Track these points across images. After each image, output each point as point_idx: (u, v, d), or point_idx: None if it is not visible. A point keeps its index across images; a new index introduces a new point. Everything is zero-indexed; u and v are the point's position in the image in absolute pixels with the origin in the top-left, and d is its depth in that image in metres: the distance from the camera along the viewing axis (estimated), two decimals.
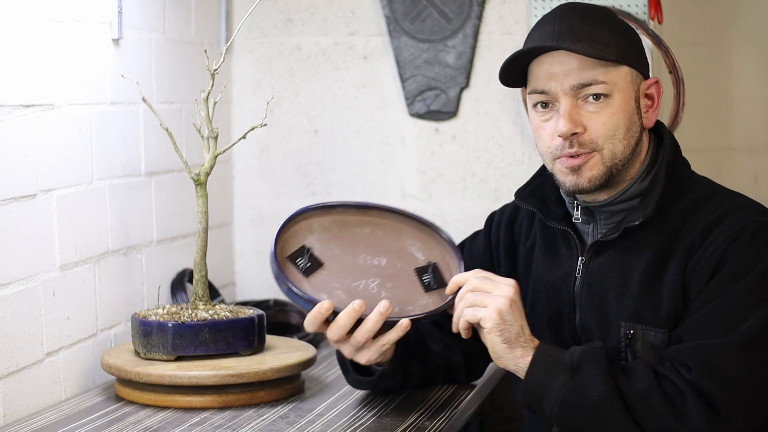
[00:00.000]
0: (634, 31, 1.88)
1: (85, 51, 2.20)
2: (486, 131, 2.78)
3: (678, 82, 2.56)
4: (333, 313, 1.80)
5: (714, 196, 1.85)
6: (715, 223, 1.78)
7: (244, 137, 2.19)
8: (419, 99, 2.80)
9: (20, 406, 1.99)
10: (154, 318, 2.07)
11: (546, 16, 1.86)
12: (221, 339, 2.06)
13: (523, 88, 1.91)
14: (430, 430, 1.89)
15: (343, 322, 1.80)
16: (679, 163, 1.90)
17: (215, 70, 2.12)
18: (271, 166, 2.93)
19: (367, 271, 1.91)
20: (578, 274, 1.89)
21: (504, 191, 2.76)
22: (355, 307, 1.79)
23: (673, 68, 2.56)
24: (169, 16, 2.57)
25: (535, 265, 1.98)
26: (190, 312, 2.10)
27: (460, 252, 1.97)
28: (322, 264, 1.89)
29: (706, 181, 1.91)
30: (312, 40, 2.87)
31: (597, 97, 1.80)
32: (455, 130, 2.80)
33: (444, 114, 2.80)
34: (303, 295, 1.81)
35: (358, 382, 2.02)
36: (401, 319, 1.82)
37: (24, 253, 2.00)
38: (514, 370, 1.80)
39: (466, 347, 2.04)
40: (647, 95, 1.87)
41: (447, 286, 1.89)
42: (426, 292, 1.92)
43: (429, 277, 1.92)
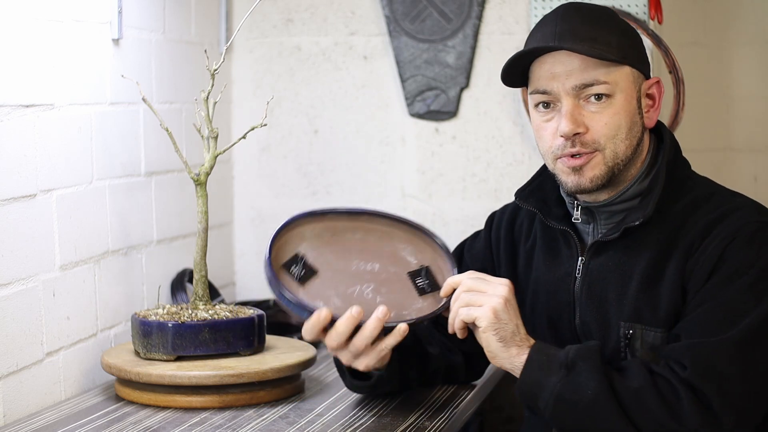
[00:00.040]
0: (636, 31, 1.88)
1: (85, 51, 2.20)
2: (486, 131, 2.78)
3: (678, 82, 2.56)
4: (331, 321, 1.79)
5: (714, 196, 1.84)
6: (715, 223, 1.78)
7: (244, 137, 2.19)
8: (419, 99, 2.80)
9: (20, 406, 1.99)
10: (154, 318, 2.06)
11: (547, 16, 1.86)
12: (221, 339, 2.06)
13: (524, 88, 1.91)
14: (430, 430, 1.89)
15: (342, 330, 1.79)
16: (680, 163, 1.90)
17: (215, 70, 2.12)
18: (271, 166, 2.93)
19: (361, 276, 1.90)
20: (578, 274, 1.89)
21: (504, 191, 2.76)
22: (354, 314, 1.78)
23: (673, 68, 2.56)
24: (169, 16, 2.57)
25: (535, 265, 1.98)
26: (190, 312, 2.10)
27: (452, 254, 1.96)
28: (316, 271, 1.88)
29: (706, 181, 1.91)
30: (312, 40, 2.87)
31: (599, 97, 1.80)
32: (455, 130, 2.80)
33: (444, 114, 2.79)
34: (299, 303, 1.81)
35: (355, 386, 2.02)
36: (398, 324, 1.81)
37: (24, 253, 2.00)
38: (510, 369, 1.80)
39: (466, 347, 2.03)
40: (648, 95, 1.87)
41: (441, 288, 1.89)
42: (420, 296, 1.91)
43: (422, 281, 1.92)
